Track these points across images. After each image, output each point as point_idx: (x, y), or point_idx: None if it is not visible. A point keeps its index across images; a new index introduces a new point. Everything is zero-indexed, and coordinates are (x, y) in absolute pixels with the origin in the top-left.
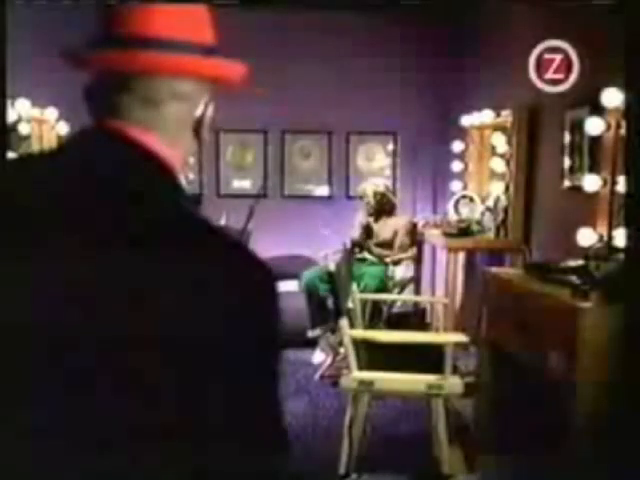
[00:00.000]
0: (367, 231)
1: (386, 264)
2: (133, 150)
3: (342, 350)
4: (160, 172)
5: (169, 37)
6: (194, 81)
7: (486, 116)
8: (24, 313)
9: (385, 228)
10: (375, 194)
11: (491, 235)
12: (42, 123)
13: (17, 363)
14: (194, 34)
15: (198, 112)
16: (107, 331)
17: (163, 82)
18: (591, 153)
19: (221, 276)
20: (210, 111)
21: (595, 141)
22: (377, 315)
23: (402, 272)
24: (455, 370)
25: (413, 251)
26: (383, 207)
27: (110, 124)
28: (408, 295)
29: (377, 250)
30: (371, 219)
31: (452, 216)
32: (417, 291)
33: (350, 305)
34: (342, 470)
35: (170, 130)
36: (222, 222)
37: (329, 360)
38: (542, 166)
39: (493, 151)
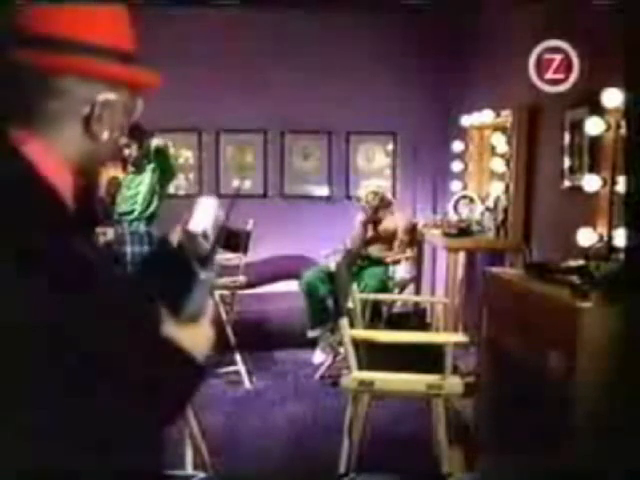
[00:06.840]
0: (367, 230)
1: (386, 264)
2: None
3: (342, 350)
4: None
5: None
6: (74, 78)
7: (486, 116)
8: None
9: (385, 228)
10: (368, 195)
11: (491, 235)
12: None
13: None
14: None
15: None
16: None
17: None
18: (591, 153)
19: None
20: (99, 109)
21: (595, 141)
22: (377, 315)
23: (402, 272)
24: (455, 370)
25: (413, 251)
26: (380, 205)
27: None
28: (408, 295)
29: (375, 253)
30: (371, 221)
31: (452, 216)
32: (417, 291)
33: (350, 305)
34: (342, 470)
35: (45, 127)
36: None
37: (329, 360)
38: (542, 166)
39: (493, 151)
